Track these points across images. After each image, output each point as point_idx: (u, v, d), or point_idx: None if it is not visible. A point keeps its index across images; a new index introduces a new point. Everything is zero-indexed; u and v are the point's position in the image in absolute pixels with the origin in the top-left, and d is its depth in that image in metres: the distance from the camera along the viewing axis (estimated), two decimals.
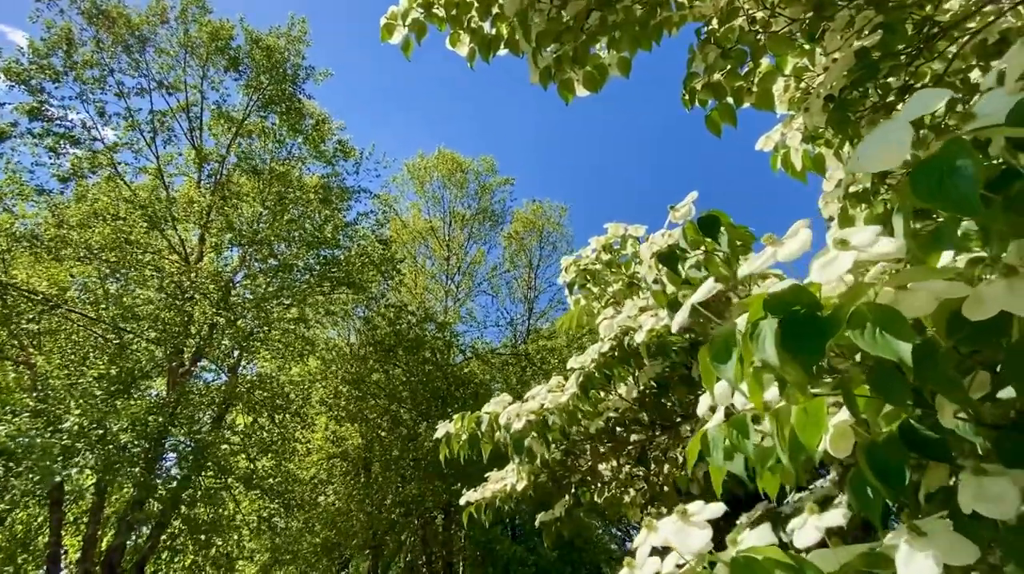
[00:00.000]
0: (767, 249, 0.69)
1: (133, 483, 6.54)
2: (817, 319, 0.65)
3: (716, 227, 1.19)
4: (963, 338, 0.64)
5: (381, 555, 11.40)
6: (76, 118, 7.82)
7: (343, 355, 10.06)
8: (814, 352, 0.63)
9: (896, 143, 0.55)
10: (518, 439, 1.72)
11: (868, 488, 0.74)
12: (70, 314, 7.32)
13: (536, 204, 14.85)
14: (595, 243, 1.96)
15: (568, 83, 1.55)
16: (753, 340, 0.67)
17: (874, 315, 0.60)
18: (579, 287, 2.12)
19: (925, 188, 0.53)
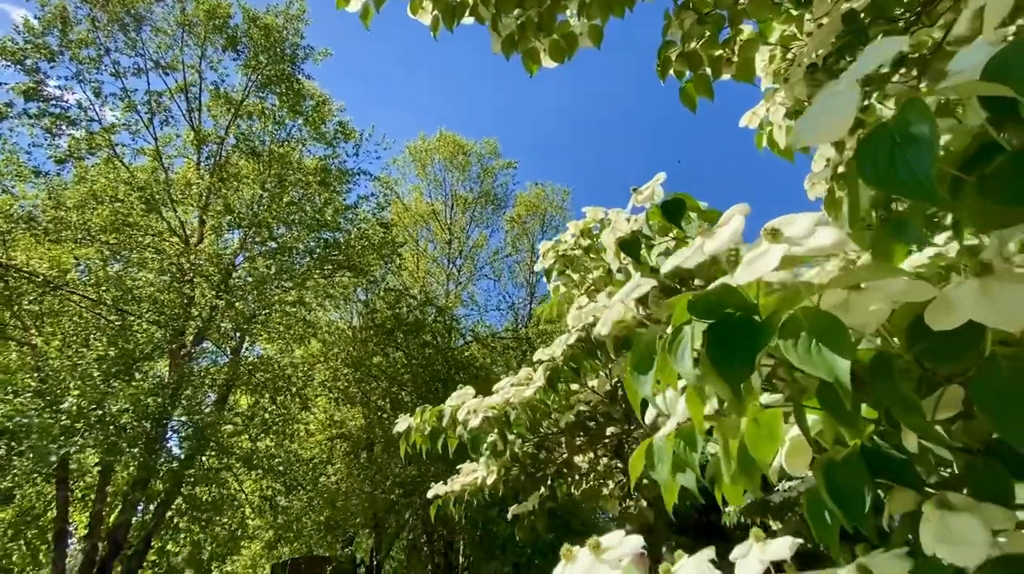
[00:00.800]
0: (696, 240, 0.59)
1: (135, 463, 6.65)
2: (751, 326, 0.55)
3: (680, 211, 1.08)
4: (924, 351, 0.53)
5: (384, 533, 11.59)
6: (72, 99, 7.75)
7: (345, 338, 10.08)
8: (743, 366, 0.53)
9: (838, 109, 0.44)
10: (474, 437, 1.64)
11: (825, 512, 0.64)
12: (71, 296, 7.36)
13: (539, 187, 14.69)
14: (573, 228, 1.85)
15: (533, 53, 1.42)
16: (672, 350, 0.57)
17: (810, 323, 0.50)
18: (558, 274, 2.01)
19: (871, 166, 0.42)
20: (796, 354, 0.48)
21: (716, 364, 0.54)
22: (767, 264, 0.48)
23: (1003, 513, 0.55)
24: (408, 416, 1.91)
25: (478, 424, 1.64)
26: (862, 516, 0.57)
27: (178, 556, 7.90)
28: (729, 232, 0.54)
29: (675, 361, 0.56)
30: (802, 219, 0.50)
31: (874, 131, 0.43)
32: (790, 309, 0.55)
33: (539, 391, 1.69)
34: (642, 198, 1.16)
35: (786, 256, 0.48)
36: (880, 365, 0.55)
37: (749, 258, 0.50)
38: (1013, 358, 0.46)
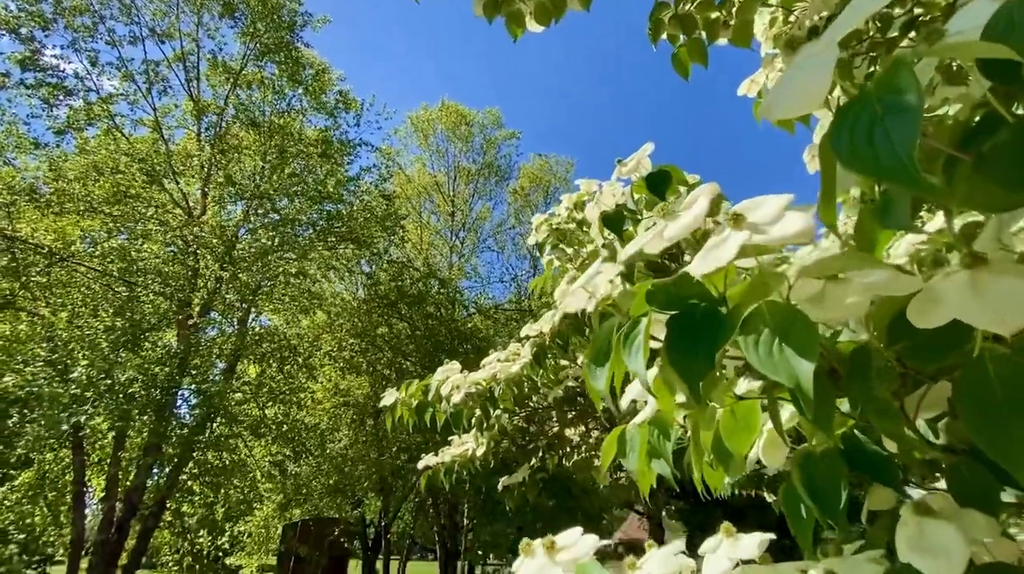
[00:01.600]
0: (657, 225, 0.53)
1: (147, 429, 6.83)
2: (714, 320, 0.51)
3: (665, 184, 1.02)
4: (906, 349, 0.48)
5: (391, 496, 11.95)
6: (69, 68, 7.62)
7: (350, 309, 10.14)
8: (702, 364, 0.49)
9: (812, 75, 0.38)
10: (456, 413, 1.62)
11: (801, 505, 0.61)
12: (77, 267, 7.40)
13: (542, 159, 14.41)
14: (567, 201, 1.78)
15: (517, 16, 1.33)
16: (626, 344, 0.53)
17: (774, 319, 0.45)
18: (551, 248, 1.96)
19: (848, 142, 0.37)
20: (756, 354, 0.43)
21: (673, 361, 0.50)
22: (724, 254, 0.43)
23: (986, 521, 0.51)
24: (394, 390, 1.90)
25: (460, 400, 1.62)
26: (837, 512, 0.54)
27: (193, 517, 8.21)
28: (691, 216, 0.49)
29: (627, 356, 0.51)
30: (770, 202, 0.45)
31: (854, 100, 0.37)
32: (756, 301, 0.50)
33: (525, 367, 1.67)
34: (627, 170, 1.10)
35: (747, 245, 0.43)
36: (857, 363, 0.51)
37: (708, 246, 0.45)
38: (1002, 361, 0.41)
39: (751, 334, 0.44)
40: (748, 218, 0.44)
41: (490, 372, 1.68)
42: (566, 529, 2.22)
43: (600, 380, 0.57)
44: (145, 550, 7.41)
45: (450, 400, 1.63)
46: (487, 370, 1.71)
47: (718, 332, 0.46)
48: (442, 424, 1.70)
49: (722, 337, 0.46)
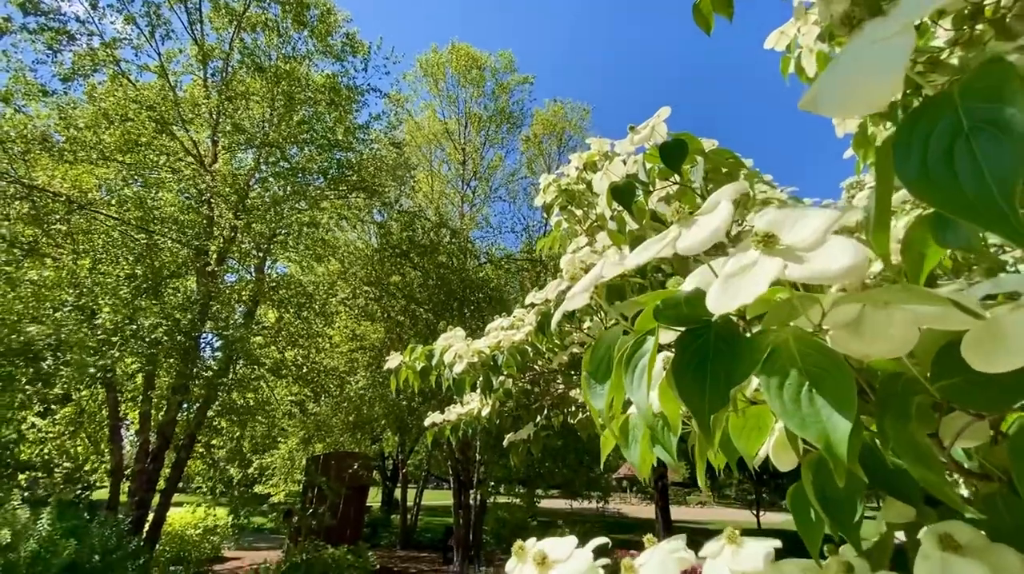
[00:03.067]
0: (670, 232, 0.46)
1: (173, 372, 7.13)
2: (731, 347, 0.44)
3: (680, 155, 0.92)
4: (955, 389, 0.42)
5: (408, 432, 12.51)
6: (70, 11, 7.35)
7: (363, 257, 10.18)
8: (714, 399, 0.43)
9: (880, 65, 0.29)
10: (459, 383, 1.61)
11: (811, 510, 0.57)
12: (96, 215, 7.45)
13: (557, 104, 13.72)
14: (576, 160, 1.67)
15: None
16: (628, 366, 0.47)
17: (805, 359, 0.38)
18: (560, 209, 1.86)
19: (917, 163, 0.28)
20: (780, 401, 0.37)
21: (682, 390, 0.44)
22: (750, 289, 0.35)
23: (1020, 561, 0.46)
24: (398, 354, 1.90)
25: (462, 370, 1.60)
26: (851, 526, 0.49)
27: (222, 449, 8.73)
28: (710, 230, 0.41)
29: (628, 381, 0.45)
30: (811, 219, 0.36)
31: (929, 104, 0.29)
32: (780, 324, 0.43)
33: (529, 334, 1.64)
34: (639, 138, 0.99)
35: (782, 279, 0.35)
36: (893, 394, 0.44)
37: (729, 271, 0.38)
38: None
39: (775, 375, 0.37)
40: (782, 239, 0.36)
41: (493, 340, 1.65)
42: (572, 466, 2.26)
43: (599, 400, 0.52)
44: (179, 477, 7.95)
45: (452, 368, 1.62)
46: (490, 338, 1.68)
47: (736, 365, 0.40)
48: (446, 387, 1.71)
49: (740, 372, 0.39)
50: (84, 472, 8.06)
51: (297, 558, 6.89)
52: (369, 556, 8.04)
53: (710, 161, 1.03)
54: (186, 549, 9.01)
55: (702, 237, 0.41)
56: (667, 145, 0.94)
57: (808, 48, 1.19)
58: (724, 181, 1.13)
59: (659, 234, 0.46)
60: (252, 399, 8.29)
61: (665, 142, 0.96)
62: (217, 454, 8.44)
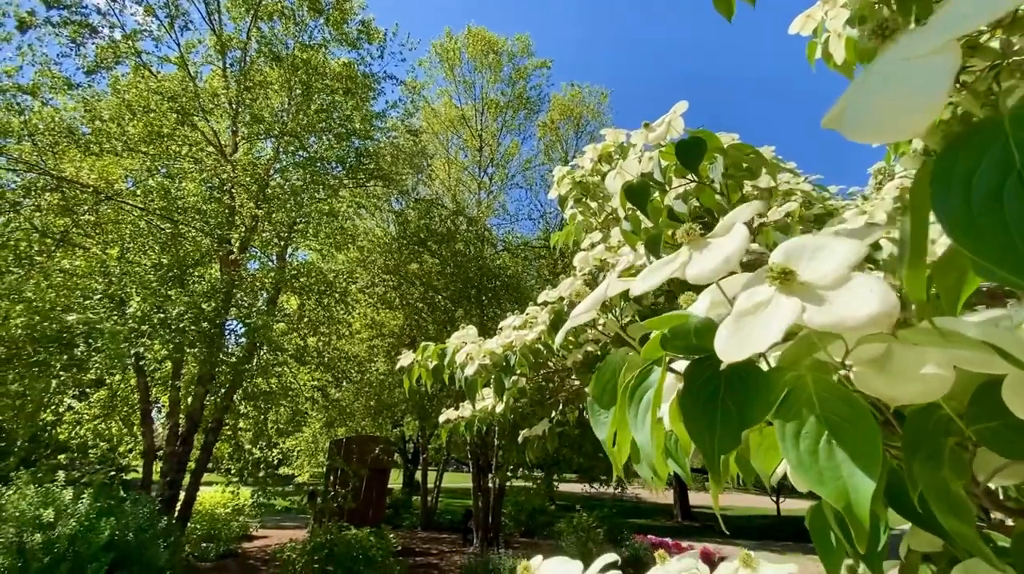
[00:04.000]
0: (680, 254, 0.42)
1: (199, 359, 7.34)
2: (745, 384, 0.41)
3: (698, 154, 0.87)
4: (992, 434, 0.38)
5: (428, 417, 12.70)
6: (91, 3, 7.48)
7: (381, 245, 10.25)
8: (724, 440, 0.40)
9: (919, 88, 0.25)
10: (471, 385, 1.59)
11: (831, 534, 0.54)
12: (122, 206, 7.64)
13: (575, 88, 13.43)
14: (591, 152, 1.61)
15: None
16: (632, 398, 0.44)
17: (824, 405, 0.35)
18: (574, 202, 1.81)
19: (959, 202, 0.25)
20: (795, 451, 0.34)
21: (690, 426, 0.41)
22: (764, 336, 0.32)
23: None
24: (410, 352, 1.89)
25: (473, 372, 1.58)
26: (874, 556, 0.46)
27: (248, 432, 8.99)
28: (723, 256, 0.38)
29: (632, 416, 0.43)
30: (834, 252, 0.32)
31: (974, 133, 0.25)
32: (799, 360, 0.39)
33: (542, 334, 1.61)
34: (655, 135, 0.94)
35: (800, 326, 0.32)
36: (923, 434, 0.41)
37: (742, 307, 0.34)
38: None
39: (791, 420, 0.34)
40: (801, 274, 0.32)
41: (505, 340, 1.63)
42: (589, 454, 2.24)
43: (602, 429, 0.49)
44: (208, 459, 8.22)
45: (464, 369, 1.61)
46: (502, 337, 1.66)
47: (749, 404, 0.37)
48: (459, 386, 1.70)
49: (753, 414, 0.36)
50: (118, 454, 8.42)
51: (321, 538, 7.10)
52: (391, 537, 8.24)
53: (730, 157, 0.98)
54: (216, 527, 9.37)
55: (713, 265, 0.38)
56: (684, 144, 0.89)
57: (836, 33, 1.11)
58: (744, 178, 1.08)
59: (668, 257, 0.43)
60: (276, 384, 8.50)
61: (682, 140, 0.91)
62: (243, 437, 8.70)
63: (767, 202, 0.99)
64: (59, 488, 5.10)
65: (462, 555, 9.66)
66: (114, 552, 4.70)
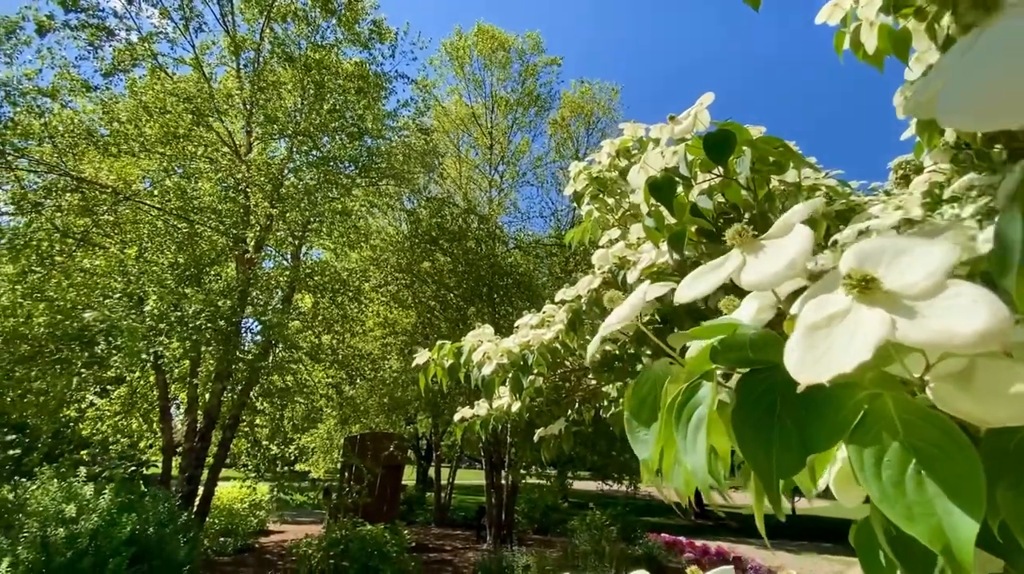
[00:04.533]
0: (731, 258, 0.39)
1: (214, 357, 7.44)
2: (810, 405, 0.37)
3: (728, 147, 0.83)
4: None
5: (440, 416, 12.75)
6: (108, 6, 7.60)
7: (394, 243, 10.29)
8: (785, 466, 0.37)
9: None
10: (488, 384, 1.57)
11: (879, 552, 0.51)
12: (140, 206, 7.76)
13: (585, 85, 13.35)
14: (608, 147, 1.58)
15: None
16: (679, 418, 0.41)
17: (909, 431, 0.31)
18: (591, 198, 1.77)
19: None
20: (877, 482, 0.30)
21: (744, 446, 0.38)
22: (851, 353, 0.28)
23: None
24: (426, 350, 1.88)
25: (491, 372, 1.56)
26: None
27: (264, 429, 9.11)
28: (786, 260, 0.34)
29: (681, 437, 0.39)
30: (924, 254, 0.29)
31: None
32: (871, 376, 0.36)
33: (560, 333, 1.58)
34: (681, 128, 0.91)
35: (891, 343, 0.28)
36: (1007, 462, 0.37)
37: (812, 320, 0.31)
38: None
39: (870, 446, 0.30)
40: (884, 282, 0.29)
41: (523, 339, 1.60)
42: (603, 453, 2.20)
43: (644, 448, 0.45)
44: (226, 455, 8.34)
45: (481, 369, 1.59)
46: (519, 336, 1.63)
47: (814, 424, 0.33)
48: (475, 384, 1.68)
49: (821, 437, 0.32)
50: (138, 450, 8.58)
51: (337, 534, 7.16)
52: (405, 533, 8.29)
53: (757, 151, 0.94)
54: (234, 522, 9.51)
55: (774, 270, 0.34)
56: (712, 137, 0.86)
57: (868, 21, 1.06)
58: (772, 172, 1.04)
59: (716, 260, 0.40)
60: (291, 382, 8.58)
61: (710, 133, 0.87)
62: (259, 433, 8.81)
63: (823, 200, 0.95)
64: (81, 483, 5.21)
65: (476, 552, 9.69)
66: (135, 546, 4.78)
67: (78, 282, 7.11)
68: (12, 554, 4.08)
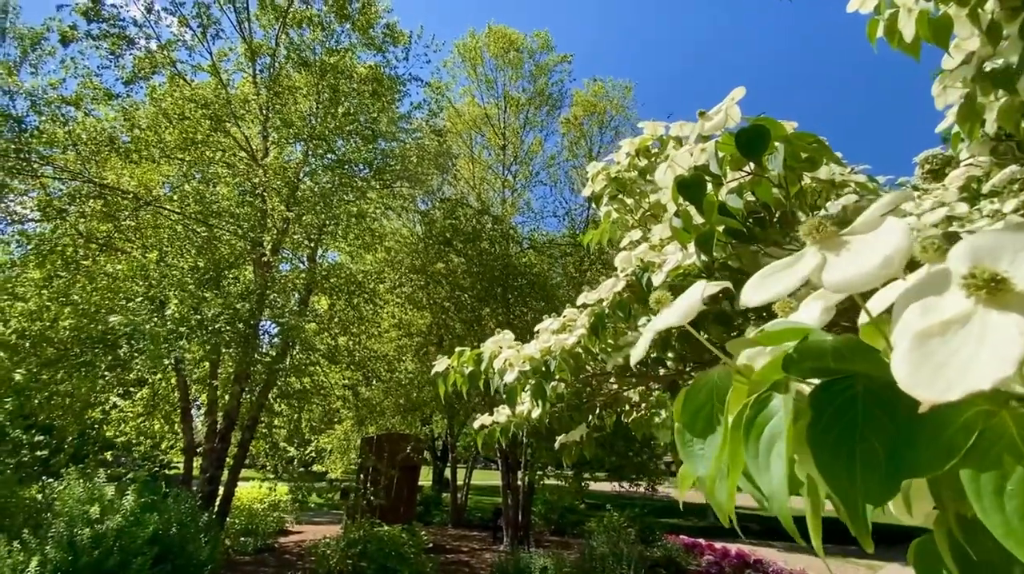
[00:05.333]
0: (807, 257, 0.35)
1: (233, 359, 7.54)
2: (907, 429, 0.33)
3: (763, 143, 0.79)
4: None
5: (456, 417, 12.78)
6: (128, 15, 7.78)
7: (408, 244, 10.33)
8: (877, 491, 0.33)
9: None
10: (510, 392, 1.54)
11: (944, 571, 0.46)
12: (160, 211, 7.90)
13: (597, 83, 13.26)
14: (627, 146, 1.54)
15: None
16: (749, 435, 0.37)
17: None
18: (609, 199, 1.73)
19: None
20: (1001, 514, 0.26)
21: (823, 471, 0.34)
22: (988, 364, 0.24)
23: None
24: (446, 358, 1.85)
25: (513, 380, 1.53)
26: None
27: (282, 430, 9.21)
28: (881, 257, 0.30)
29: (752, 457, 0.36)
30: None
31: None
32: (982, 406, 0.32)
33: (582, 338, 1.54)
34: (711, 125, 0.87)
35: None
36: None
37: (921, 329, 0.26)
38: None
39: (987, 469, 0.27)
40: (1017, 283, 0.25)
41: (544, 345, 1.57)
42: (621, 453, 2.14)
43: (701, 464, 0.42)
44: (245, 456, 8.45)
45: (502, 376, 1.56)
46: (540, 342, 1.60)
47: (909, 446, 0.29)
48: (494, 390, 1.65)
49: (919, 460, 0.29)
50: (160, 450, 8.74)
51: (355, 535, 7.21)
52: (422, 534, 8.31)
53: (790, 147, 0.89)
54: (254, 522, 9.63)
55: (867, 269, 0.30)
56: (745, 132, 0.82)
57: (906, 8, 1.01)
58: (805, 169, 1.00)
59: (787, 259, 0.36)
60: (309, 383, 8.66)
61: (743, 129, 0.83)
62: (278, 434, 8.91)
63: (911, 191, 0.90)
64: (104, 483, 5.31)
65: (492, 553, 9.67)
66: (158, 546, 4.86)
67: (102, 286, 7.26)
68: (41, 553, 4.17)
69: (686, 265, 1.31)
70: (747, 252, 1.11)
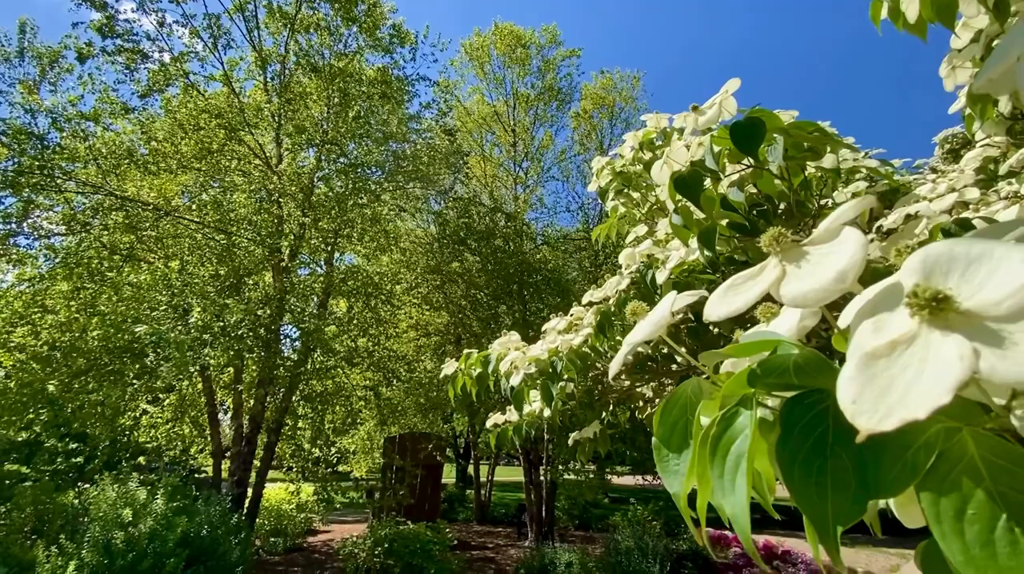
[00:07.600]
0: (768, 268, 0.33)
1: (257, 364, 7.69)
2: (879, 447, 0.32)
3: (757, 136, 0.76)
4: None
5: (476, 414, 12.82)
6: (141, 30, 7.94)
7: (423, 245, 10.39)
8: (842, 512, 0.31)
9: None
10: (517, 394, 1.52)
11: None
12: (179, 221, 8.09)
13: (606, 76, 13.13)
14: (632, 140, 1.50)
15: None
16: (715, 453, 0.35)
17: (996, 477, 0.26)
18: (615, 193, 1.70)
19: None
20: (958, 539, 0.24)
21: (792, 490, 0.32)
22: (925, 393, 0.21)
23: None
24: (454, 361, 1.85)
25: (519, 382, 1.51)
26: None
27: (306, 432, 9.37)
28: (835, 272, 0.28)
29: (718, 478, 0.34)
30: (1004, 262, 0.23)
31: None
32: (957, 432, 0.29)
33: (589, 337, 1.52)
34: (706, 118, 0.83)
35: (973, 380, 0.22)
36: None
37: (869, 349, 0.24)
38: None
39: (947, 493, 0.25)
40: (960, 300, 0.23)
41: (550, 346, 1.55)
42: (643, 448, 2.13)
43: (674, 479, 0.40)
44: (271, 458, 8.62)
45: (509, 378, 1.54)
46: (547, 342, 1.58)
47: (877, 466, 0.27)
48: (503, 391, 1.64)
49: (885, 481, 0.27)
50: (190, 454, 8.98)
51: (381, 534, 7.30)
52: (447, 531, 8.38)
53: (789, 137, 0.85)
54: (282, 523, 9.83)
55: (820, 284, 0.28)
56: (740, 126, 0.78)
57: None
58: (807, 159, 0.95)
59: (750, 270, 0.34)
60: (331, 385, 8.79)
61: (737, 122, 0.80)
62: (302, 436, 9.07)
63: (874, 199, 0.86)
64: (136, 487, 5.47)
65: (517, 549, 9.71)
66: (189, 548, 4.99)
67: (127, 296, 7.47)
68: (78, 557, 4.32)
69: (690, 261, 1.28)
70: (753, 245, 1.08)
